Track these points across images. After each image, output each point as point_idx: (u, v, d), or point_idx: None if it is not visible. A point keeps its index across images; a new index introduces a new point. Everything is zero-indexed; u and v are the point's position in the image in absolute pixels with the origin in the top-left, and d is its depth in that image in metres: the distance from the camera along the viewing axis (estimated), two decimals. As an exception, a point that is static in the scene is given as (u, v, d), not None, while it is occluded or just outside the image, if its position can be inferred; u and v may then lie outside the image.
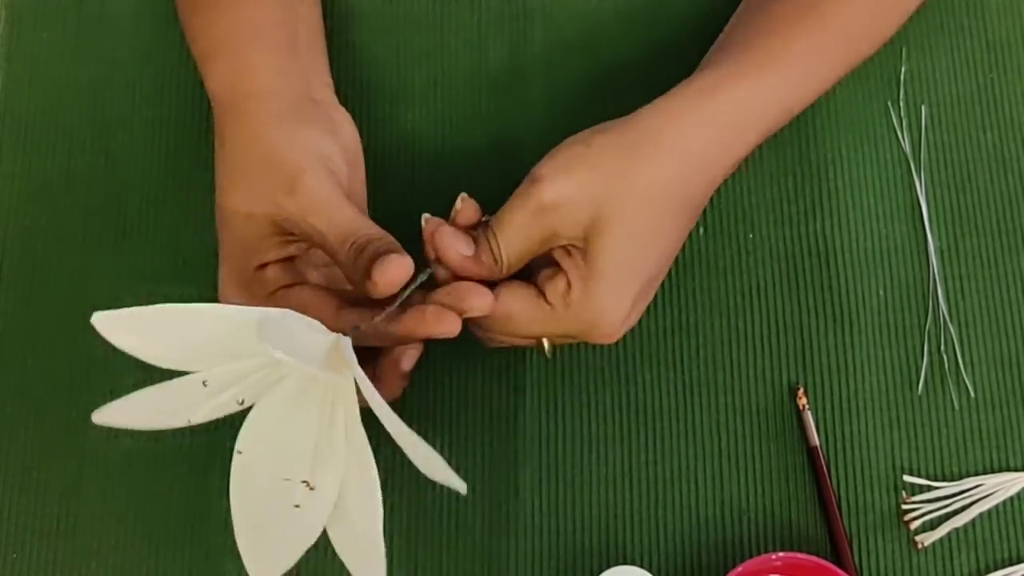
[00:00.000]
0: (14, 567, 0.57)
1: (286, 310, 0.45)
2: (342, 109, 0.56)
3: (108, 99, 0.66)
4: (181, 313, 0.44)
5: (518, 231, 0.50)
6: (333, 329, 0.48)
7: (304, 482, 0.47)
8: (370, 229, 0.49)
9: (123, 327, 0.44)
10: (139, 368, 0.60)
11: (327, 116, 0.55)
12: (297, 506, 0.47)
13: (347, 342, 0.46)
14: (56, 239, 0.63)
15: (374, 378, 0.52)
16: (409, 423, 0.59)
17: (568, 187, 0.49)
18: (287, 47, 0.56)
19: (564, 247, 0.51)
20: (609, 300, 0.50)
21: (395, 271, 0.47)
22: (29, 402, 0.60)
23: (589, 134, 0.51)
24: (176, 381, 0.47)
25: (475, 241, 0.51)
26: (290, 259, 0.53)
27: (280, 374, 0.48)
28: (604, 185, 0.49)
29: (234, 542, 0.56)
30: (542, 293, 0.51)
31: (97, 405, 0.59)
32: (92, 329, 0.60)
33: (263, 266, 0.52)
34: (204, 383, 0.46)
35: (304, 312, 0.49)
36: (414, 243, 0.51)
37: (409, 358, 0.52)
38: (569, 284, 0.50)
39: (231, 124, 0.53)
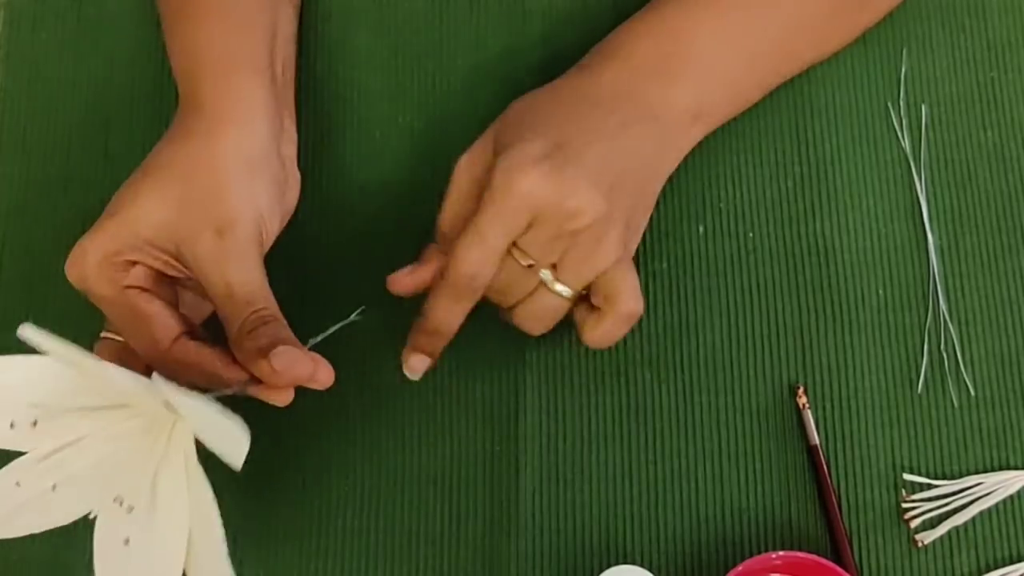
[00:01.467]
0: (14, 567, 0.57)
1: (102, 364, 0.46)
2: (297, 171, 0.58)
3: (107, 99, 0.66)
4: None
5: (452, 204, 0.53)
6: (167, 356, 0.50)
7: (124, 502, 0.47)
8: (275, 307, 0.50)
9: None
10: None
11: (285, 176, 0.56)
12: (127, 541, 0.47)
13: (165, 385, 0.46)
14: (56, 239, 0.63)
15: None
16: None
17: (476, 145, 0.54)
18: (271, 80, 0.57)
19: None
20: (515, 150, 0.50)
21: (299, 370, 0.48)
22: (29, 402, 0.60)
23: None
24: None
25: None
26: (158, 272, 0.52)
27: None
28: (499, 121, 0.55)
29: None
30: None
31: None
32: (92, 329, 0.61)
33: (135, 262, 0.51)
34: (17, 484, 0.48)
35: (143, 324, 0.51)
36: (415, 240, 0.51)
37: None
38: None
39: (203, 133, 0.53)
